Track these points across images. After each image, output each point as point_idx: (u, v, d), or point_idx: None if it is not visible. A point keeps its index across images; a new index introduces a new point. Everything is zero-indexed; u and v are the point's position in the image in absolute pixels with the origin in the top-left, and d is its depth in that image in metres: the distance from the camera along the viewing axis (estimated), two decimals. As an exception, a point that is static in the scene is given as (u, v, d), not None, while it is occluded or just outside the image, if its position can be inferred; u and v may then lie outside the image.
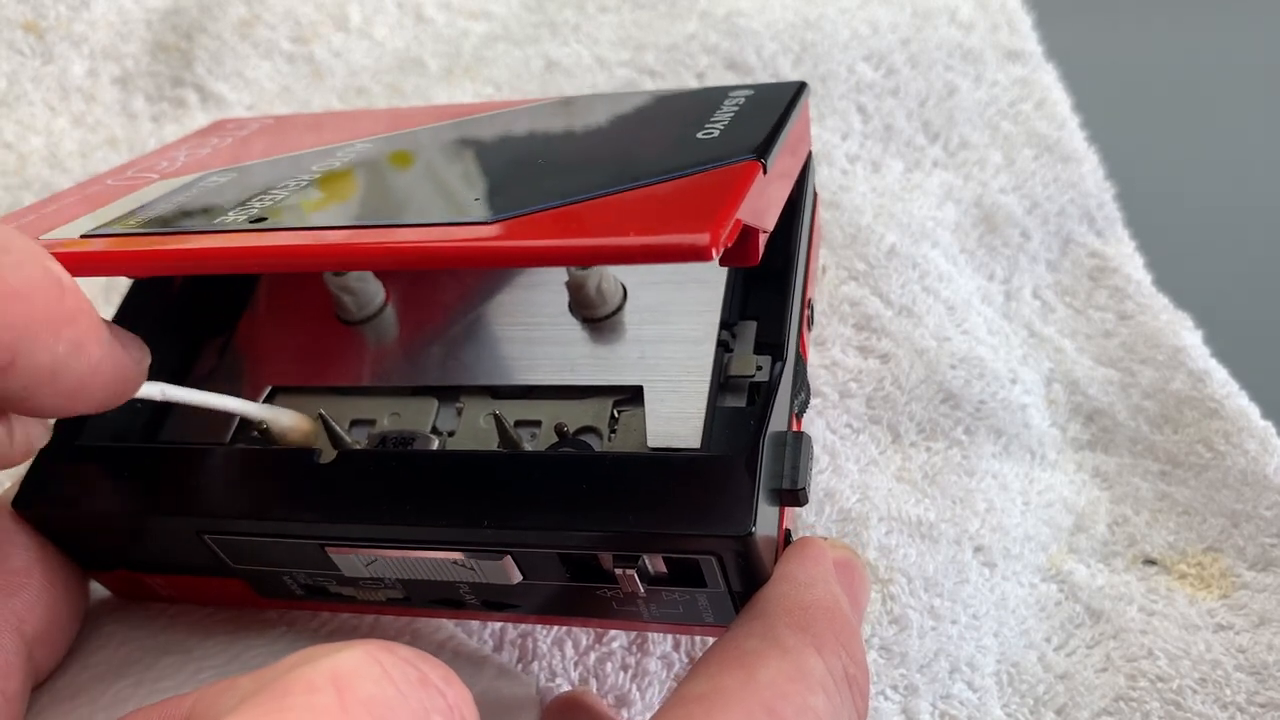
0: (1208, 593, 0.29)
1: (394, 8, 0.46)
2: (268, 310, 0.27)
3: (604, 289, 0.24)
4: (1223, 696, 0.27)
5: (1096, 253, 0.37)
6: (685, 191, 0.19)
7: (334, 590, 0.23)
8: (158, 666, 0.22)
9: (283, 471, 0.21)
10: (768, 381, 0.22)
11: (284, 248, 0.19)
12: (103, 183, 0.25)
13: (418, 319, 0.26)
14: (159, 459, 0.22)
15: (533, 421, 0.23)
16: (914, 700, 0.27)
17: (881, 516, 0.30)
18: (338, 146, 0.25)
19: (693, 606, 0.21)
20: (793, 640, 0.18)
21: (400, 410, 0.24)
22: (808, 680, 0.18)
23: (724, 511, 0.19)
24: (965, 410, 0.32)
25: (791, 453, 0.21)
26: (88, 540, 0.23)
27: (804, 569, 0.20)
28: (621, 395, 0.23)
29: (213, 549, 0.22)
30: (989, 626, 0.28)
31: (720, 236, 0.16)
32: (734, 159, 0.20)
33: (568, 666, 0.27)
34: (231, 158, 0.26)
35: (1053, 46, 0.42)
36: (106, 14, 0.44)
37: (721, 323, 0.24)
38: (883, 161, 0.39)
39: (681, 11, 0.44)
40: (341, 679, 0.14)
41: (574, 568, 0.21)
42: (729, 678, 0.18)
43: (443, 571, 0.21)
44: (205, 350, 0.26)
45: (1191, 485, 0.31)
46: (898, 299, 0.34)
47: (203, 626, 0.23)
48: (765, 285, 0.24)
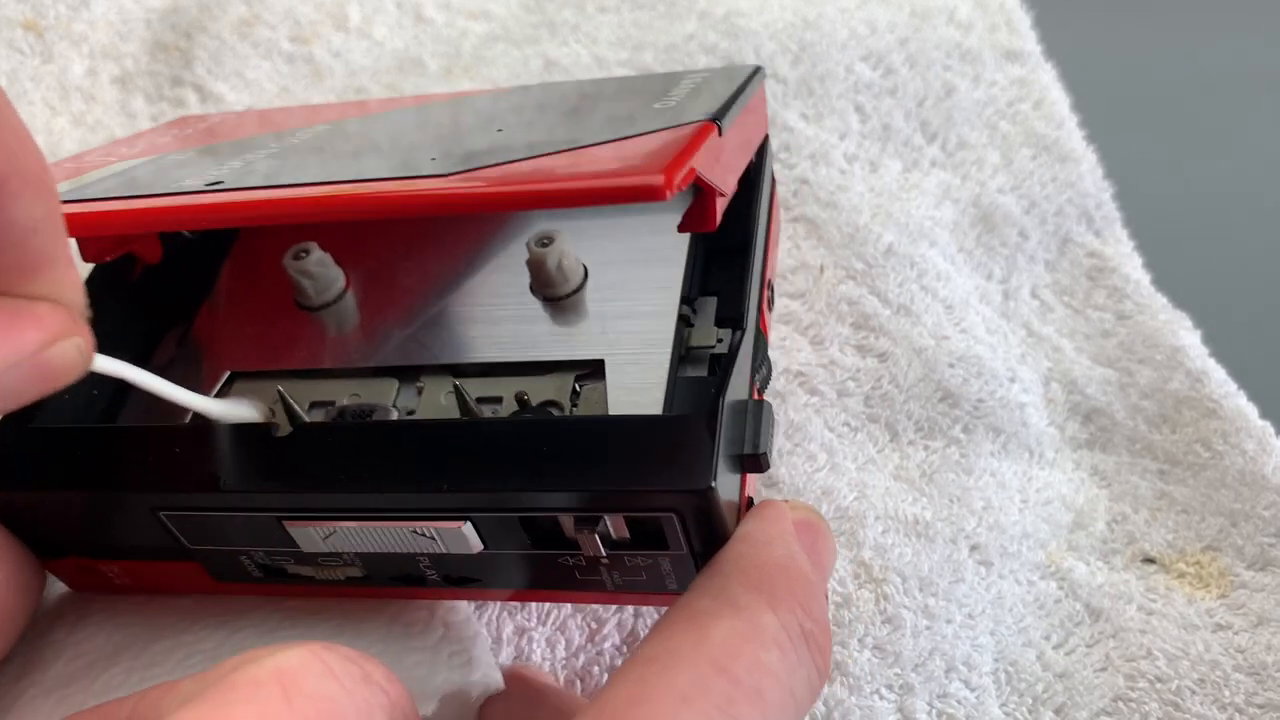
0: (1206, 592, 0.29)
1: (393, 8, 0.46)
2: (228, 298, 0.27)
3: (565, 267, 0.24)
4: (1221, 697, 0.26)
5: (1095, 252, 0.37)
6: (641, 145, 0.19)
7: (292, 570, 0.22)
8: (148, 653, 0.22)
9: (239, 446, 0.21)
10: (728, 353, 0.22)
11: (241, 203, 0.19)
12: (61, 166, 0.25)
13: (377, 304, 0.26)
14: (112, 439, 0.22)
15: (494, 398, 0.23)
16: (910, 699, 0.27)
17: (878, 515, 0.30)
18: (299, 129, 0.25)
19: (655, 573, 0.21)
20: (747, 599, 0.18)
21: (360, 391, 0.24)
22: (760, 638, 0.17)
23: (684, 468, 0.19)
24: (963, 409, 0.32)
25: (753, 419, 0.21)
26: (42, 525, 0.22)
27: (762, 528, 0.20)
28: (583, 369, 0.23)
29: (168, 527, 0.22)
30: (985, 625, 0.28)
31: (675, 179, 0.17)
32: (689, 122, 0.20)
33: (556, 668, 0.27)
34: (190, 142, 0.26)
35: (1051, 46, 0.42)
36: (106, 13, 0.44)
37: (682, 298, 0.24)
38: (881, 161, 0.39)
39: (680, 11, 0.44)
40: (286, 676, 0.14)
41: (535, 533, 0.20)
42: (682, 638, 0.17)
43: (403, 542, 0.21)
44: (165, 338, 0.26)
45: (1190, 484, 0.31)
46: (896, 298, 0.34)
47: (192, 613, 0.23)
48: (725, 263, 0.24)
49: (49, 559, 0.23)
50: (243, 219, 0.19)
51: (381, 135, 0.24)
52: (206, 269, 0.28)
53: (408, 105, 0.28)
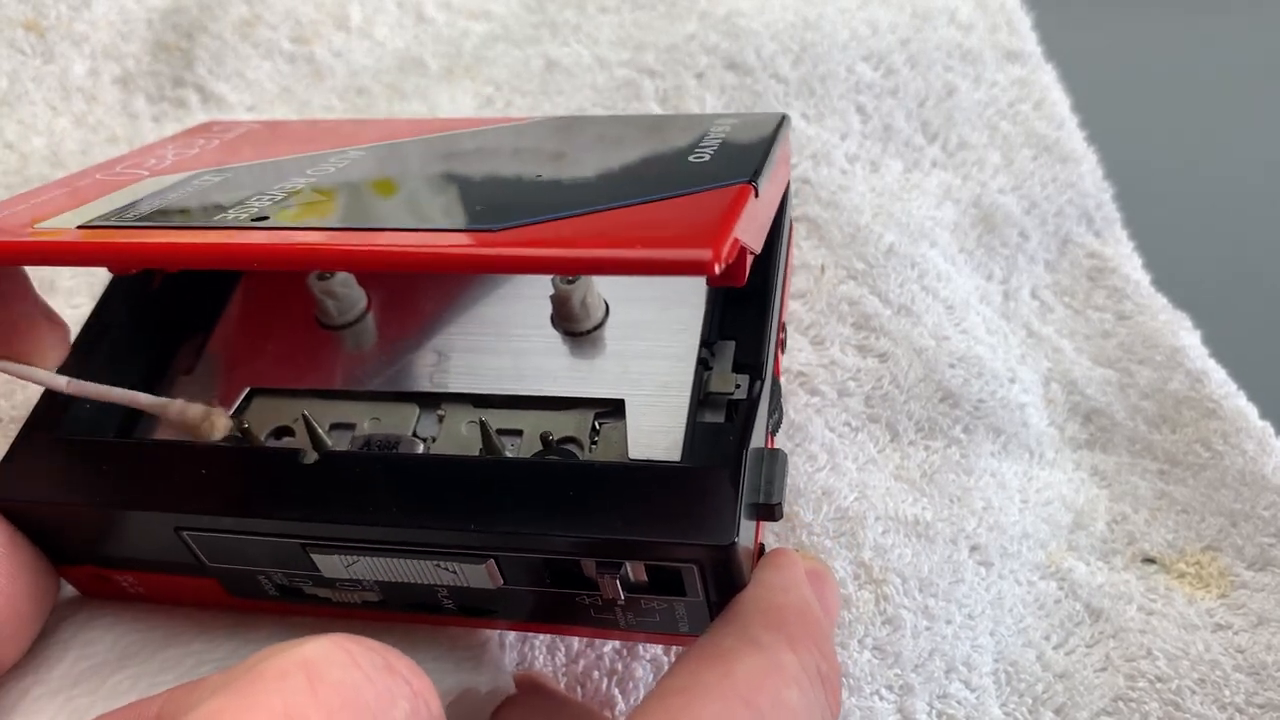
0: (1206, 592, 0.29)
1: (394, 8, 0.46)
2: (247, 311, 0.27)
3: (588, 303, 0.25)
4: (1221, 697, 0.27)
5: (1095, 253, 0.37)
6: (683, 209, 0.19)
7: (309, 591, 0.23)
8: (157, 660, 0.22)
9: (265, 470, 0.21)
10: (746, 399, 0.23)
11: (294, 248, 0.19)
12: (91, 177, 0.25)
13: (398, 327, 0.26)
14: (137, 453, 0.22)
15: (514, 430, 0.23)
16: (910, 700, 0.27)
17: (878, 515, 0.30)
18: (331, 153, 0.25)
19: (669, 615, 0.22)
20: (768, 638, 0.19)
21: (381, 415, 0.24)
22: (782, 675, 0.18)
23: (708, 522, 0.19)
24: (964, 409, 0.32)
25: (769, 468, 0.21)
26: (62, 535, 0.22)
27: (778, 575, 0.21)
28: (603, 408, 0.23)
29: (189, 546, 0.22)
30: (985, 625, 0.28)
31: (722, 253, 0.17)
32: (727, 181, 0.20)
33: (557, 672, 0.27)
34: (221, 159, 0.26)
35: (1052, 47, 0.42)
36: (107, 13, 0.44)
37: (701, 341, 0.24)
38: (882, 161, 0.39)
39: (681, 12, 0.44)
40: (311, 665, 0.15)
41: (556, 574, 0.21)
42: (708, 672, 0.18)
43: (424, 574, 0.21)
44: (183, 348, 0.26)
45: (1190, 485, 0.31)
46: (896, 298, 0.34)
47: (202, 621, 0.23)
48: (743, 306, 0.25)
49: (64, 565, 0.23)
50: (295, 264, 0.19)
51: (418, 173, 0.24)
52: (225, 280, 0.28)
53: (437, 130, 0.27)
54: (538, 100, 0.42)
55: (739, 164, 0.22)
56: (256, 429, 0.23)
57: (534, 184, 0.22)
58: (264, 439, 0.24)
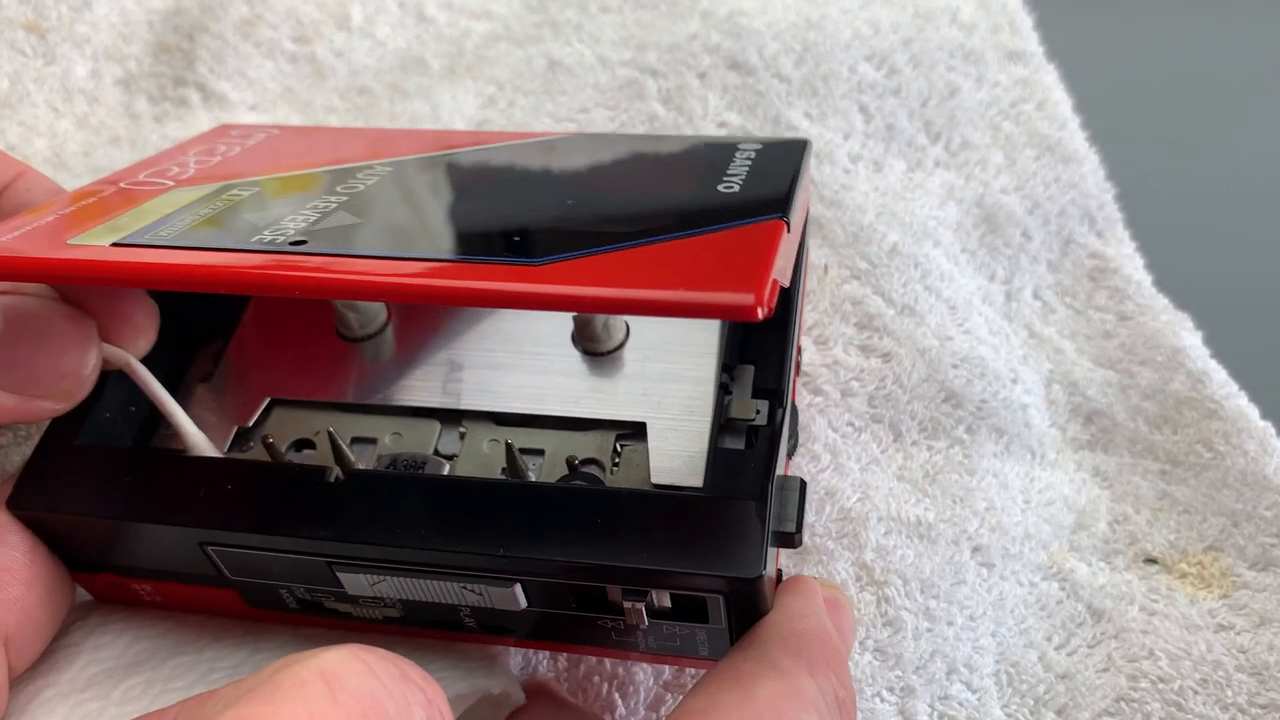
0: (1208, 592, 0.29)
1: (396, 7, 0.46)
2: (266, 319, 0.27)
3: (611, 325, 0.25)
4: (1224, 698, 0.27)
5: (1097, 253, 0.37)
6: (722, 248, 0.19)
7: (330, 606, 0.23)
8: (168, 666, 0.22)
9: (292, 488, 0.21)
10: (766, 425, 0.23)
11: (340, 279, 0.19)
12: (115, 185, 0.25)
13: (418, 341, 0.26)
14: (160, 465, 0.22)
15: (536, 450, 0.24)
16: (911, 701, 0.27)
17: (881, 516, 0.30)
18: (358, 167, 0.25)
19: (690, 640, 0.22)
20: (788, 663, 0.20)
21: (402, 430, 0.24)
22: (801, 699, 0.19)
23: (736, 554, 0.20)
24: (967, 409, 0.32)
25: (791, 497, 0.22)
26: (81, 544, 0.23)
27: (798, 602, 0.21)
28: (624, 430, 0.24)
29: (213, 560, 0.22)
30: (986, 627, 0.28)
31: (764, 296, 0.17)
32: (760, 217, 0.21)
33: (560, 677, 0.27)
34: (245, 169, 0.26)
35: (1054, 47, 0.42)
36: (108, 15, 0.44)
37: (721, 365, 0.24)
38: (885, 161, 0.39)
39: (683, 11, 0.44)
40: (330, 675, 0.15)
41: (581, 598, 0.21)
42: (728, 695, 0.19)
43: (449, 594, 0.21)
44: (201, 354, 0.26)
45: (1191, 485, 0.31)
46: (899, 298, 0.34)
47: (213, 628, 0.23)
48: (763, 331, 0.25)
49: (80, 572, 0.23)
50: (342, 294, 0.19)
51: (451, 194, 0.24)
52: None
53: (461, 144, 0.27)
54: (540, 100, 0.42)
55: (769, 196, 0.22)
56: (278, 441, 0.23)
57: (568, 212, 0.22)
58: (285, 452, 0.24)
